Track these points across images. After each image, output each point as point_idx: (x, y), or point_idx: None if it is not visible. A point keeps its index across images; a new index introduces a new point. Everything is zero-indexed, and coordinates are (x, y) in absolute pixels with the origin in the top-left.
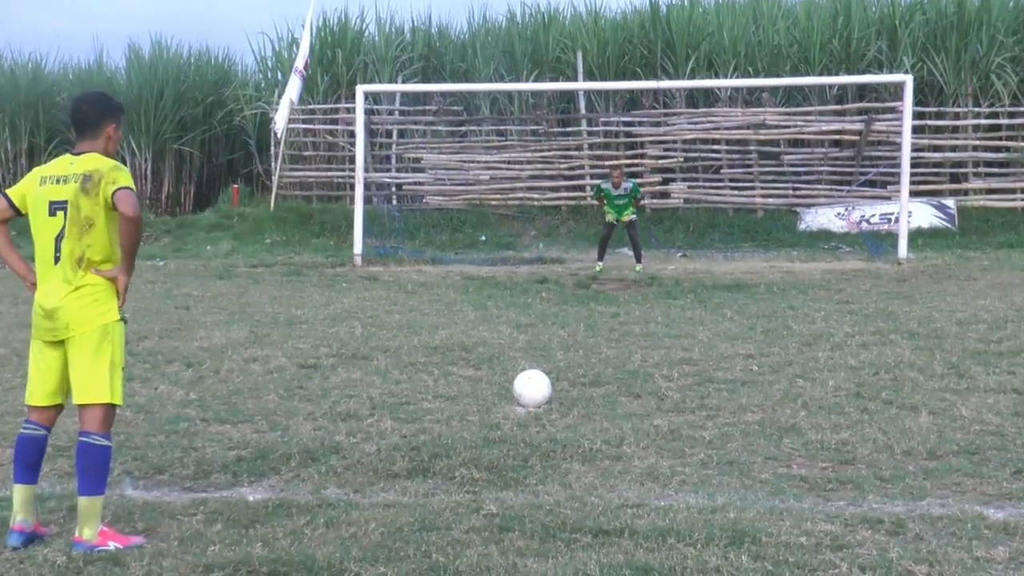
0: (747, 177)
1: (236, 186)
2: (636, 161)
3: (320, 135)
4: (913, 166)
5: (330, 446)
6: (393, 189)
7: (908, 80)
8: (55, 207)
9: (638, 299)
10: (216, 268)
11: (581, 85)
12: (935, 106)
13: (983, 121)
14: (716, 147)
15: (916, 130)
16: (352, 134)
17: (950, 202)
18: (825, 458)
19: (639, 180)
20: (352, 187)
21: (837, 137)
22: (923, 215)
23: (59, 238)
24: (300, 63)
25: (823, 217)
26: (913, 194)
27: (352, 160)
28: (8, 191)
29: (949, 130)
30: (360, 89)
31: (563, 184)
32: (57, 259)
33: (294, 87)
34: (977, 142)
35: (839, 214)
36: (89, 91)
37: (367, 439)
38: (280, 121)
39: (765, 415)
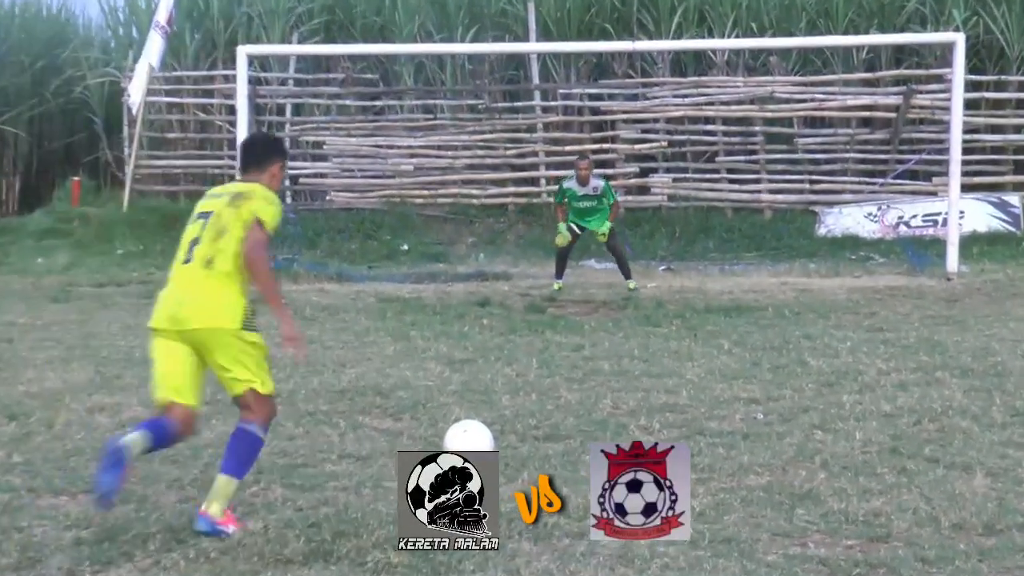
0: (751, 167)
1: (77, 179)
2: (605, 146)
3: (190, 111)
4: (966, 152)
5: None
6: (287, 183)
7: (959, 40)
8: (200, 216)
9: (608, 326)
10: (50, 287)
11: (534, 47)
12: (994, 74)
13: None
14: (710, 128)
15: (969, 105)
16: (232, 110)
17: (1014, 198)
18: (851, 534)
19: (610, 172)
20: (232, 179)
21: (867, 115)
22: (979, 215)
23: (194, 242)
24: (162, 16)
25: (849, 219)
26: (966, 188)
27: (232, 145)
28: None
29: (1012, 104)
30: (242, 51)
31: (510, 176)
32: (187, 260)
33: (154, 48)
34: None
35: (870, 215)
36: (260, 132)
37: (251, 513)
38: (136, 93)
39: (773, 478)
